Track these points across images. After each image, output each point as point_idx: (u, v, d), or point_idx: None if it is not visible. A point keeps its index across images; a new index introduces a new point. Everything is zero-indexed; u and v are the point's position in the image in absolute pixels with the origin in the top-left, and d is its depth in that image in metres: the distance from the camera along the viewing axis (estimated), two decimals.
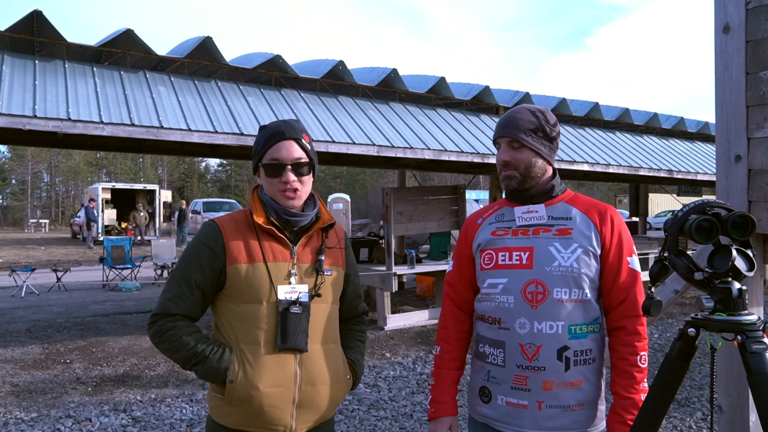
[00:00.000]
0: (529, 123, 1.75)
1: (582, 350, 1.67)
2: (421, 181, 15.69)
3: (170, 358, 1.68)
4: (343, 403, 4.86)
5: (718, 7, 2.89)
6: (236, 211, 1.79)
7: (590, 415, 1.69)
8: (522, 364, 1.67)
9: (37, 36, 6.48)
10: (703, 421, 4.42)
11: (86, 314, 8.70)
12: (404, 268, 8.36)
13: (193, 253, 1.68)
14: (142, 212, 24.27)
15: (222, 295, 1.69)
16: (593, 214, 1.75)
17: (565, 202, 1.79)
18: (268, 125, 1.75)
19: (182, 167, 60.83)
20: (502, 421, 1.72)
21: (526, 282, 1.68)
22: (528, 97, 10.36)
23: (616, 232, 1.73)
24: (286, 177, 1.67)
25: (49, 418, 4.52)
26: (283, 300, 1.65)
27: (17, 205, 49.54)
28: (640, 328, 1.69)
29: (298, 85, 8.44)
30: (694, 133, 13.70)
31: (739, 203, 2.75)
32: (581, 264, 1.68)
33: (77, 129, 5.86)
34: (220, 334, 1.70)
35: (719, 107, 2.88)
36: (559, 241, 1.70)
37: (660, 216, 30.58)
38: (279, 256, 1.69)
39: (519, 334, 1.67)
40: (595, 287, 1.72)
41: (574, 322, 1.66)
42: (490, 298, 1.76)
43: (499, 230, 1.79)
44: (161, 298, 1.67)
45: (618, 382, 1.67)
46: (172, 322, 1.64)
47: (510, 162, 1.75)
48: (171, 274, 1.73)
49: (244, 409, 1.62)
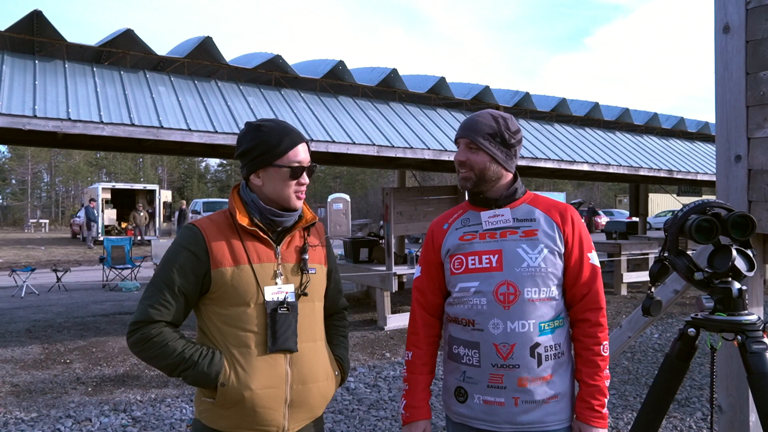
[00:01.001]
0: (489, 128, 1.80)
1: (552, 345, 1.73)
2: (421, 181, 15.68)
3: (155, 366, 1.63)
4: (343, 402, 4.86)
5: (718, 7, 2.89)
6: (214, 213, 1.75)
7: (563, 407, 1.75)
8: (497, 363, 1.72)
9: (37, 36, 6.47)
10: (703, 421, 4.42)
11: (86, 314, 8.70)
12: (404, 268, 8.36)
13: (175, 258, 1.63)
14: (142, 212, 24.28)
15: (206, 299, 1.66)
16: (554, 214, 1.81)
17: (527, 203, 1.85)
18: (270, 126, 1.69)
19: (182, 167, 60.83)
20: (479, 419, 1.76)
21: (498, 284, 1.74)
22: (528, 97, 10.36)
23: (576, 231, 1.79)
24: (304, 179, 1.70)
25: (49, 418, 4.52)
26: (270, 301, 1.64)
27: (17, 205, 49.55)
28: (602, 319, 1.77)
29: (298, 85, 8.44)
30: (694, 133, 13.70)
31: (739, 203, 2.75)
32: (548, 263, 1.74)
33: (77, 129, 5.86)
34: (206, 339, 1.68)
35: (719, 107, 2.88)
36: (526, 243, 1.76)
37: (660, 216, 30.57)
38: (264, 257, 1.67)
39: (493, 335, 1.72)
40: (560, 284, 1.79)
41: (543, 320, 1.73)
42: (462, 301, 1.80)
43: (467, 235, 1.83)
44: (141, 305, 1.62)
45: (583, 370, 1.75)
46: (156, 329, 1.59)
47: (465, 162, 1.82)
48: (151, 280, 1.66)
49: (237, 411, 1.61)
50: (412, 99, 9.44)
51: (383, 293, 7.83)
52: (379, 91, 9.04)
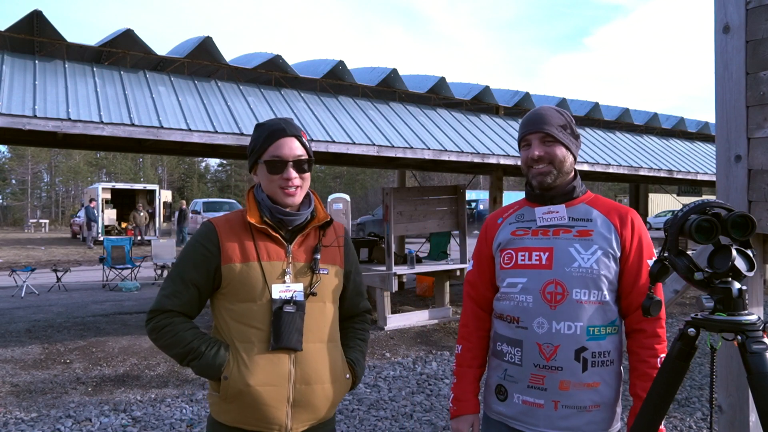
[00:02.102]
0: (559, 119, 1.77)
1: (600, 352, 1.67)
2: (421, 181, 15.69)
3: (167, 354, 1.70)
4: (343, 402, 4.86)
5: (718, 7, 2.89)
6: (232, 212, 1.80)
7: (606, 417, 1.69)
8: (539, 364, 1.67)
9: (37, 36, 6.48)
10: (703, 421, 4.42)
11: (86, 314, 8.70)
12: (404, 268, 8.36)
13: (189, 252, 1.71)
14: (142, 212, 24.27)
15: (219, 294, 1.71)
16: (614, 216, 1.74)
17: (586, 203, 1.79)
18: (265, 123, 1.74)
19: (182, 167, 60.84)
20: (517, 420, 1.73)
21: (545, 282, 1.69)
22: (528, 97, 10.36)
23: (636, 235, 1.72)
24: (287, 174, 1.67)
25: (49, 418, 4.52)
26: (276, 299, 1.65)
27: (17, 205, 49.55)
28: (660, 330, 1.69)
29: (298, 85, 8.44)
30: (694, 133, 13.70)
31: (739, 203, 2.75)
32: (601, 266, 1.68)
33: (77, 129, 5.87)
34: (218, 333, 1.72)
35: (719, 107, 2.88)
36: (580, 243, 1.70)
37: (660, 216, 30.58)
38: (273, 255, 1.68)
39: (537, 334, 1.68)
40: (614, 289, 1.72)
41: (592, 324, 1.66)
42: (509, 297, 1.77)
43: (519, 230, 1.80)
44: (158, 295, 1.70)
45: (638, 384, 1.67)
46: (169, 318, 1.66)
47: (544, 157, 1.74)
48: (168, 273, 1.76)
49: (238, 405, 1.64)
50: (412, 99, 9.44)
51: (383, 293, 7.83)
52: (379, 91, 9.04)
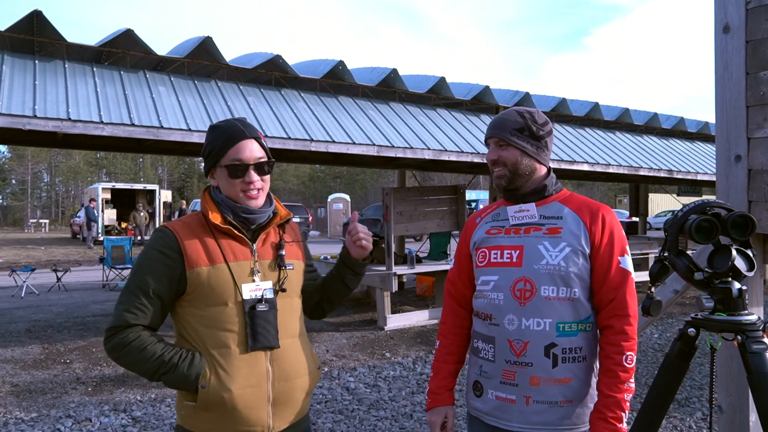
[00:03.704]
0: (515, 123, 1.80)
1: (571, 348, 1.69)
2: (421, 181, 15.68)
3: (134, 371, 1.61)
4: (343, 402, 4.86)
5: (718, 7, 2.89)
6: (187, 215, 1.74)
7: (579, 412, 1.71)
8: (510, 360, 1.71)
9: (37, 36, 6.47)
10: (703, 421, 4.42)
11: (86, 314, 8.70)
12: (404, 268, 8.36)
13: (148, 261, 1.62)
14: (142, 212, 24.26)
15: (183, 301, 1.64)
16: (584, 213, 1.76)
17: (559, 201, 1.81)
18: (220, 125, 1.70)
19: (182, 167, 60.83)
20: (491, 415, 1.76)
21: (515, 279, 1.72)
22: (528, 97, 10.35)
23: (606, 231, 1.73)
24: (249, 177, 1.65)
25: (49, 418, 4.52)
26: (248, 299, 1.62)
27: (17, 205, 49.55)
28: (628, 328, 1.67)
29: (298, 85, 8.44)
30: (694, 133, 13.69)
31: (739, 203, 2.75)
32: (569, 263, 1.69)
33: (77, 129, 5.86)
34: (185, 342, 1.65)
35: (719, 107, 2.88)
36: (548, 240, 1.73)
37: (660, 216, 30.59)
38: (240, 256, 1.66)
39: (508, 330, 1.72)
40: (586, 286, 1.72)
41: (562, 320, 1.68)
42: (483, 295, 1.81)
43: (494, 229, 1.84)
44: (117, 310, 1.59)
45: (602, 380, 1.68)
46: (134, 334, 1.57)
47: (497, 160, 1.81)
48: (125, 285, 1.64)
49: (219, 413, 1.59)
50: (412, 99, 9.43)
51: (383, 293, 7.83)
52: (379, 91, 9.04)
